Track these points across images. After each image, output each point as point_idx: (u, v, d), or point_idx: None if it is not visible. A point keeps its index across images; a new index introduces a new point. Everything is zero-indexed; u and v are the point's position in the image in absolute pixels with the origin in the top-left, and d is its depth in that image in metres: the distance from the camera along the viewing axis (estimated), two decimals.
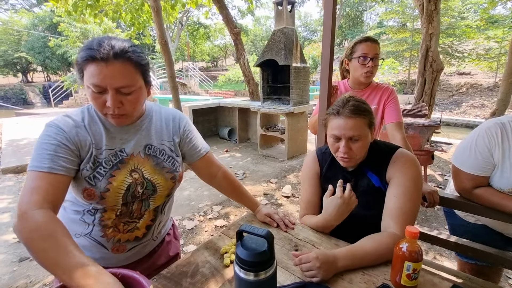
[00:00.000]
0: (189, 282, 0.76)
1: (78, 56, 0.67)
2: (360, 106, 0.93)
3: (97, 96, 0.67)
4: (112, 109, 0.67)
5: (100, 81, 0.64)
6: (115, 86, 0.66)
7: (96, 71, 0.64)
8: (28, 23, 19.51)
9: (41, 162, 0.65)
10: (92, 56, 0.63)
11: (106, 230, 0.79)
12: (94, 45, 0.64)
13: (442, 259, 2.06)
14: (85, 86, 0.68)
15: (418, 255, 0.68)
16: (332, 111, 0.96)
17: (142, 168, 0.80)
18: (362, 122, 0.92)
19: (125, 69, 0.67)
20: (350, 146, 0.92)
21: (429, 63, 4.57)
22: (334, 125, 0.94)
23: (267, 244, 0.50)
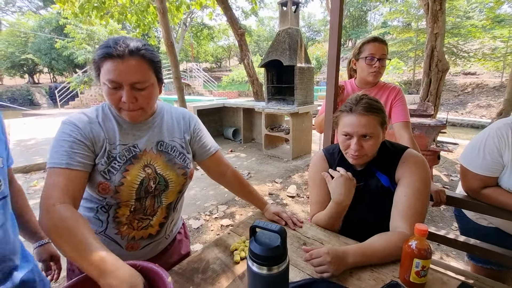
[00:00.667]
0: (201, 278, 0.77)
1: (95, 54, 0.70)
2: (374, 104, 0.93)
3: (113, 92, 0.70)
4: (127, 104, 0.71)
5: (116, 76, 0.68)
6: (130, 81, 0.69)
7: (112, 67, 0.67)
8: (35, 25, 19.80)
9: (59, 159, 0.68)
10: (109, 53, 0.67)
11: (121, 227, 0.81)
12: (110, 44, 0.68)
13: (448, 259, 2.06)
14: (101, 83, 0.71)
15: (427, 253, 0.68)
16: (345, 108, 0.96)
17: (155, 164, 0.82)
18: (375, 120, 0.92)
19: (140, 65, 0.70)
20: (361, 144, 0.93)
21: (435, 63, 4.55)
22: (347, 122, 0.94)
23: (280, 239, 0.52)
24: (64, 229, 0.59)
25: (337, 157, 1.08)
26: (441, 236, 1.27)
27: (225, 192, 3.19)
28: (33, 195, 3.30)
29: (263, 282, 0.52)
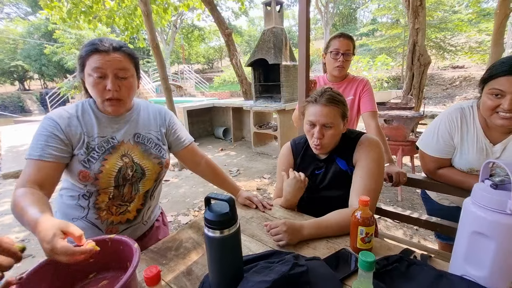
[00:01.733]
0: (173, 254, 0.86)
1: (81, 51, 0.80)
2: (336, 97, 1.03)
3: (98, 81, 0.79)
4: (111, 92, 0.79)
5: (102, 64, 0.77)
6: (114, 69, 0.79)
7: (98, 58, 0.77)
8: (24, 31, 19.59)
9: (34, 150, 0.77)
10: (96, 48, 0.77)
11: (100, 212, 0.89)
12: (96, 41, 0.79)
13: (425, 243, 2.16)
14: (86, 75, 0.80)
15: (369, 221, 0.77)
16: (310, 99, 1.06)
17: (132, 154, 0.90)
18: (336, 111, 1.01)
19: (122, 58, 0.81)
20: (323, 133, 1.02)
21: (417, 57, 4.68)
22: (311, 111, 1.04)
23: (229, 207, 0.60)
24: (15, 205, 0.68)
25: (303, 147, 1.17)
26: (406, 216, 1.37)
27: (214, 189, 3.26)
28: None
29: (218, 244, 0.61)
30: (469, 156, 1.09)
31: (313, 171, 1.13)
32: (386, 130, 2.85)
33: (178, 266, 0.80)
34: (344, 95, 1.08)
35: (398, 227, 2.32)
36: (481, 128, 1.06)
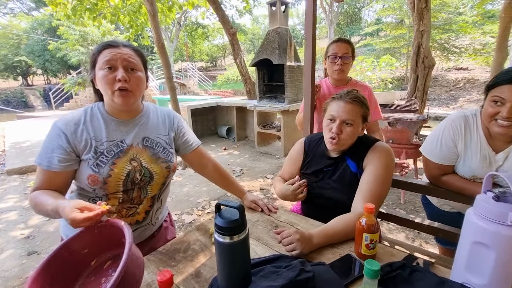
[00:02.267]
0: (182, 256, 0.88)
1: (93, 50, 0.85)
2: (361, 98, 1.07)
3: (109, 73, 0.82)
4: (121, 82, 0.82)
5: (112, 56, 0.82)
6: (124, 61, 0.83)
7: (109, 52, 0.82)
8: (27, 26, 19.66)
9: (42, 160, 0.82)
10: (107, 44, 0.84)
11: (111, 215, 0.91)
12: (107, 41, 0.85)
13: (427, 246, 2.18)
14: (98, 71, 0.83)
15: (374, 228, 0.79)
16: (335, 96, 1.10)
17: (140, 158, 0.92)
18: (358, 110, 1.04)
19: (132, 53, 0.86)
20: (341, 129, 1.05)
21: (421, 60, 4.68)
22: (333, 107, 1.07)
23: (239, 214, 0.62)
24: (35, 204, 0.80)
25: (317, 143, 1.21)
26: (409, 220, 1.38)
27: (217, 189, 3.29)
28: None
29: (227, 249, 0.63)
30: (472, 163, 1.11)
31: (322, 169, 1.16)
32: (390, 133, 2.86)
33: (186, 269, 0.82)
34: None
35: (400, 230, 2.34)
36: (484, 137, 1.07)
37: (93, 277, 0.69)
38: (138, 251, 0.65)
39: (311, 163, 1.21)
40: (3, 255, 2.21)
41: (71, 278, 0.67)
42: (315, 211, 1.15)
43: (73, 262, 0.67)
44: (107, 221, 0.66)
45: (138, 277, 0.61)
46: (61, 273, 0.64)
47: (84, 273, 0.70)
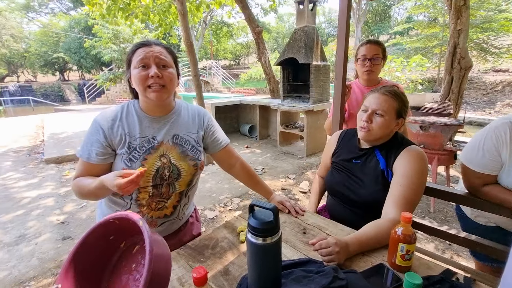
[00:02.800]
0: (210, 253, 0.89)
1: (128, 51, 0.90)
2: (397, 92, 1.06)
3: (142, 70, 0.86)
4: (154, 78, 0.85)
5: (145, 55, 0.86)
6: (156, 59, 0.87)
7: (143, 51, 0.87)
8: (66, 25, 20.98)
9: (83, 152, 0.89)
10: (141, 44, 0.89)
11: (141, 207, 0.95)
12: (140, 42, 0.90)
13: (459, 259, 2.05)
14: (132, 69, 0.88)
15: (411, 238, 0.75)
16: (373, 90, 1.10)
17: (170, 155, 0.94)
18: (391, 103, 1.03)
19: (163, 51, 0.90)
20: (371, 118, 1.04)
21: (457, 61, 4.39)
22: (367, 99, 1.08)
23: (273, 216, 0.62)
24: (77, 187, 0.88)
25: (350, 136, 1.23)
26: (443, 231, 1.30)
27: (239, 186, 3.32)
28: (65, 183, 3.62)
29: (259, 250, 0.63)
30: None
31: (352, 159, 1.16)
32: (422, 137, 2.72)
33: (215, 265, 0.83)
34: None
35: (429, 240, 2.22)
36: None
37: (124, 261, 0.71)
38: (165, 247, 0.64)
39: (342, 151, 1.23)
40: (40, 238, 2.39)
41: (103, 262, 0.69)
42: (336, 205, 1.18)
43: (102, 247, 0.69)
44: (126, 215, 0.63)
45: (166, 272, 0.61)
46: (92, 258, 0.67)
47: (114, 257, 0.71)
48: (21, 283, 1.87)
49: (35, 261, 2.09)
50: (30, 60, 22.78)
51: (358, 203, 1.10)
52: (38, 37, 22.32)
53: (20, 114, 12.51)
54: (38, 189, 3.46)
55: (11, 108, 16.69)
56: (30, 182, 3.71)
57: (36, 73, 25.88)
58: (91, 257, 0.66)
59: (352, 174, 1.14)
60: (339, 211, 1.17)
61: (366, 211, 1.07)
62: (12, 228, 2.56)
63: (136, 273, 0.68)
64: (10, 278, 1.91)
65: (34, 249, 2.23)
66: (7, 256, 2.15)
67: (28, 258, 2.12)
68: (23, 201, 3.12)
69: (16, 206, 3.01)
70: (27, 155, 5.05)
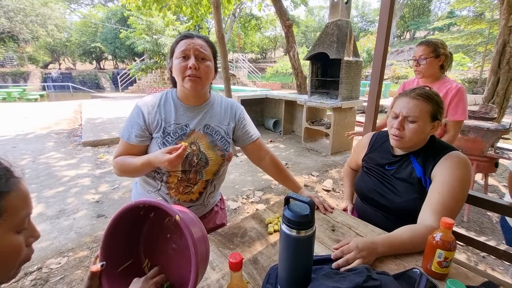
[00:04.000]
0: (239, 241, 0.92)
1: (173, 43, 0.96)
2: (428, 93, 0.99)
3: (182, 61, 0.91)
4: (191, 70, 0.89)
5: (187, 48, 0.91)
6: (196, 52, 0.91)
7: (185, 42, 0.92)
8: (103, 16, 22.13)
9: (124, 133, 0.96)
10: (184, 35, 0.95)
11: (170, 190, 1.00)
12: (184, 33, 0.96)
13: (494, 273, 1.92)
14: (174, 60, 0.93)
15: (451, 245, 0.72)
16: (401, 93, 1.05)
17: (200, 143, 0.98)
18: (423, 107, 0.97)
19: (204, 44, 0.94)
20: (403, 125, 0.99)
21: (506, 60, 4.03)
22: (398, 103, 1.03)
23: (309, 210, 0.62)
24: (120, 164, 0.96)
25: (383, 139, 1.18)
26: (480, 242, 1.23)
27: (262, 179, 3.34)
28: (100, 166, 3.87)
29: (292, 242, 0.63)
30: None
31: (385, 165, 1.11)
32: (460, 142, 2.55)
33: (244, 254, 0.86)
34: None
35: (460, 251, 2.10)
36: None
37: (156, 230, 0.72)
38: (201, 226, 0.65)
39: (374, 155, 1.19)
40: (78, 214, 2.59)
41: (135, 233, 0.71)
42: (367, 209, 1.14)
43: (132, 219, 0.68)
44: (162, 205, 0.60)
45: (207, 253, 0.64)
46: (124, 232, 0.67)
47: (145, 227, 0.73)
48: (61, 253, 2.05)
49: (73, 234, 2.28)
50: (71, 49, 24.36)
51: (392, 210, 1.05)
52: (79, 27, 23.77)
53: (61, 99, 13.49)
54: (76, 169, 3.73)
55: (53, 93, 18.03)
56: (69, 162, 4.01)
57: (76, 61, 27.63)
58: (123, 231, 0.67)
59: (385, 180, 1.09)
60: (370, 214, 1.13)
61: (401, 219, 1.02)
62: (54, 203, 2.80)
63: (172, 242, 0.70)
64: (52, 248, 2.10)
65: (73, 224, 2.43)
66: (50, 227, 2.36)
67: (67, 231, 2.31)
68: (63, 179, 3.38)
69: (57, 183, 3.28)
70: (67, 137, 5.44)
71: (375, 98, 1.48)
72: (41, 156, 4.25)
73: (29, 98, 13.28)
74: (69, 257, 2.00)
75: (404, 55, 19.78)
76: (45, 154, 4.33)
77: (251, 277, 0.76)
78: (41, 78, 19.99)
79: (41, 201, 2.83)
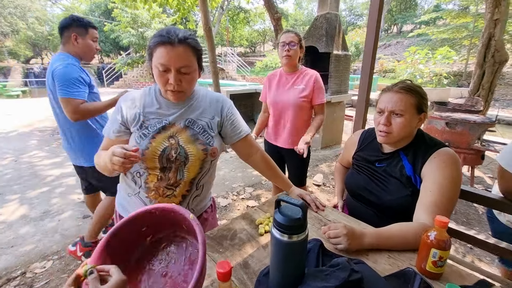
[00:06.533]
0: (229, 243, 0.88)
1: (150, 42, 0.84)
2: (412, 86, 0.97)
3: (162, 74, 0.84)
4: (173, 85, 0.84)
5: (167, 61, 0.81)
6: (177, 66, 0.82)
7: (163, 53, 0.81)
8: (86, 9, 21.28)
9: (105, 129, 0.96)
10: (162, 41, 0.81)
11: (149, 192, 0.93)
12: (163, 33, 0.81)
13: (481, 264, 1.97)
14: (153, 66, 0.85)
15: (446, 244, 0.70)
16: (385, 88, 1.04)
17: (179, 136, 0.92)
18: (408, 100, 0.95)
19: (186, 52, 0.83)
20: (390, 120, 0.97)
21: (491, 54, 4.10)
22: (382, 99, 1.01)
23: (301, 213, 0.59)
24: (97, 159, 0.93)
25: (372, 136, 1.16)
26: (470, 236, 1.24)
27: (252, 175, 3.31)
28: None
29: (284, 248, 0.60)
30: None
31: (374, 162, 1.10)
32: (447, 135, 2.58)
33: (234, 257, 0.82)
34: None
35: None
36: None
37: (149, 255, 0.70)
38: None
39: (363, 153, 1.17)
40: (63, 215, 2.49)
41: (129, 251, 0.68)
42: (358, 206, 1.13)
43: (132, 236, 0.68)
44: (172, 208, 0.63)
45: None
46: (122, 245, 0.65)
47: (139, 249, 0.70)
48: (46, 256, 1.96)
49: (58, 236, 2.19)
50: (54, 43, 23.37)
51: (381, 207, 1.04)
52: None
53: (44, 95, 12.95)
54: (61, 168, 3.60)
55: (36, 89, 17.34)
56: (53, 161, 3.86)
57: None
58: (122, 244, 0.65)
59: (375, 177, 1.08)
60: (361, 210, 1.11)
61: (391, 216, 1.01)
62: (37, 204, 2.68)
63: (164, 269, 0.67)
64: (36, 251, 2.01)
65: (57, 225, 2.33)
66: (33, 230, 2.26)
67: (52, 234, 2.22)
68: (48, 179, 3.25)
69: (41, 183, 3.15)
70: (50, 135, 5.24)
71: (365, 93, 1.46)
72: (23, 155, 4.08)
73: (10, 94, 12.75)
74: (54, 261, 1.92)
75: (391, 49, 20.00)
76: (28, 153, 4.16)
77: (242, 283, 0.73)
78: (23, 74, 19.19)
79: (24, 202, 2.71)
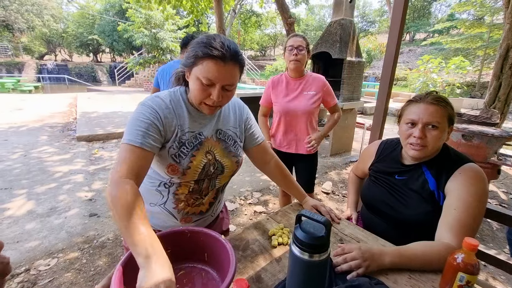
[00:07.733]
0: (241, 255, 0.85)
1: (198, 49, 0.74)
2: (443, 97, 0.95)
3: (204, 88, 0.76)
4: (213, 101, 0.77)
5: (215, 78, 0.74)
6: (224, 83, 0.76)
7: (213, 68, 0.73)
8: (101, 8, 21.75)
9: (135, 137, 0.72)
10: (214, 55, 0.72)
11: (179, 203, 0.90)
12: (217, 46, 0.72)
13: (495, 283, 1.89)
14: (194, 76, 0.76)
15: (474, 268, 0.66)
16: (413, 99, 0.99)
17: (214, 151, 0.89)
18: (443, 112, 0.92)
19: (234, 70, 0.77)
20: (425, 133, 0.93)
21: (508, 65, 4.00)
22: (413, 110, 0.96)
23: (325, 230, 0.55)
24: (120, 206, 0.62)
25: (392, 148, 1.12)
26: (491, 256, 1.18)
27: (260, 180, 3.27)
28: (94, 162, 3.76)
29: (303, 267, 0.57)
30: None
31: (394, 174, 1.05)
32: (463, 147, 2.51)
33: (246, 270, 0.79)
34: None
35: None
36: None
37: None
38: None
39: (381, 164, 1.13)
40: (69, 213, 2.50)
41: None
42: (375, 219, 1.08)
43: None
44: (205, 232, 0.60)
45: None
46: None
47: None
48: (51, 253, 1.96)
49: (63, 234, 2.19)
50: (67, 40, 23.96)
51: (400, 221, 1.00)
52: (76, 19, 23.36)
53: (56, 91, 13.26)
54: (70, 164, 3.63)
55: (48, 85, 17.73)
56: (62, 157, 3.90)
57: (72, 53, 27.19)
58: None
59: (393, 190, 1.03)
60: (377, 224, 1.07)
61: (410, 231, 0.97)
62: (44, 200, 2.70)
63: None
64: (41, 248, 2.02)
65: (64, 223, 2.34)
66: (39, 226, 2.27)
67: (58, 231, 2.22)
68: (56, 175, 3.28)
69: (49, 179, 3.17)
70: (61, 131, 5.32)
71: (384, 103, 1.42)
72: (33, 150, 4.13)
73: (23, 89, 13.01)
74: (59, 259, 1.92)
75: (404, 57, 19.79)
76: (37, 148, 4.21)
77: None
78: (36, 69, 19.62)
79: (31, 197, 2.73)
